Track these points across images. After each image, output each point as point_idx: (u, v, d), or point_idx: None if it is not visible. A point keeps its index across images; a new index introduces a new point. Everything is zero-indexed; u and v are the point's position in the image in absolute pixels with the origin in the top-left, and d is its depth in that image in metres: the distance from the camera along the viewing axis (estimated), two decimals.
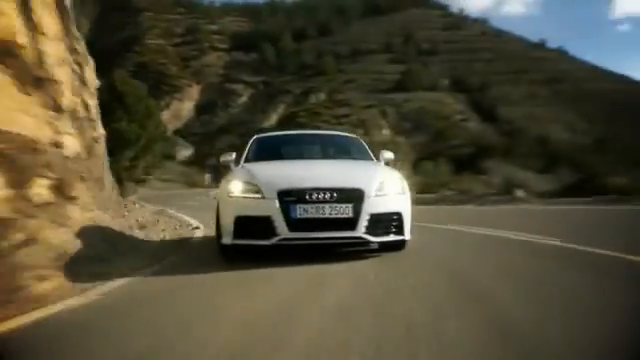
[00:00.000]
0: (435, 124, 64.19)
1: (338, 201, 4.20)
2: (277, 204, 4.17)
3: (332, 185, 4.26)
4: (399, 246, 4.65)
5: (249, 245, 4.34)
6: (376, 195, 4.34)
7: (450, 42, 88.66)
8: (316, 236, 4.23)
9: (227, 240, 4.41)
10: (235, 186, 4.46)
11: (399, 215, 4.43)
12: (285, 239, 4.17)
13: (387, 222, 4.37)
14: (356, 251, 4.78)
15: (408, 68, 77.19)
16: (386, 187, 4.47)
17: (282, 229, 4.15)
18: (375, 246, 4.57)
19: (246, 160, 5.51)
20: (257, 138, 6.04)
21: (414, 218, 4.69)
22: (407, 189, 4.73)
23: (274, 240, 4.18)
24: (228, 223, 4.39)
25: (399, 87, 73.94)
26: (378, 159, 5.63)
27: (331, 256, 4.51)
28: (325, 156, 5.84)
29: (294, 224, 4.16)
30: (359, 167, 5.03)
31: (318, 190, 4.20)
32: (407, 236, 4.52)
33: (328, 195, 4.20)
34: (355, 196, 4.24)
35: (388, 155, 5.71)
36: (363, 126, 59.49)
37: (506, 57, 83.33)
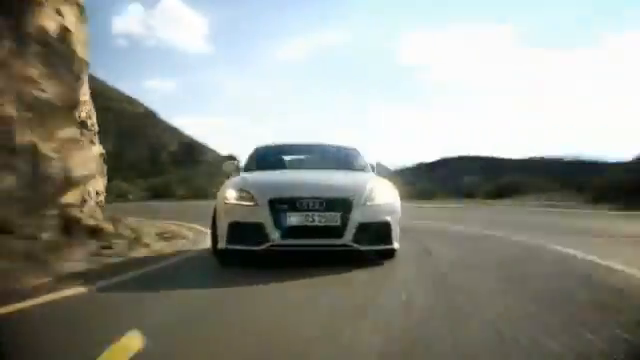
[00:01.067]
0: None
1: (327, 210, 4.38)
2: (268, 211, 4.37)
3: (321, 194, 4.44)
4: (389, 254, 4.79)
5: (241, 250, 4.53)
6: (364, 204, 4.50)
7: None
8: (305, 243, 4.41)
9: (222, 245, 4.61)
10: (230, 193, 4.67)
11: (387, 225, 4.58)
12: (275, 245, 4.36)
13: (375, 231, 4.52)
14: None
15: None
16: (376, 197, 4.63)
17: (273, 236, 4.33)
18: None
19: (245, 169, 5.72)
20: (257, 148, 6.25)
21: None
22: (397, 199, 4.89)
23: (265, 246, 4.37)
24: (223, 228, 4.60)
25: None
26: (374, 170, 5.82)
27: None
28: (321, 166, 6.01)
29: (284, 231, 4.34)
30: (351, 177, 5.19)
31: (308, 199, 4.39)
32: (396, 245, 4.66)
33: (317, 204, 4.38)
34: (343, 205, 4.42)
35: (383, 166, 5.90)
36: None
37: None
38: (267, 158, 6.04)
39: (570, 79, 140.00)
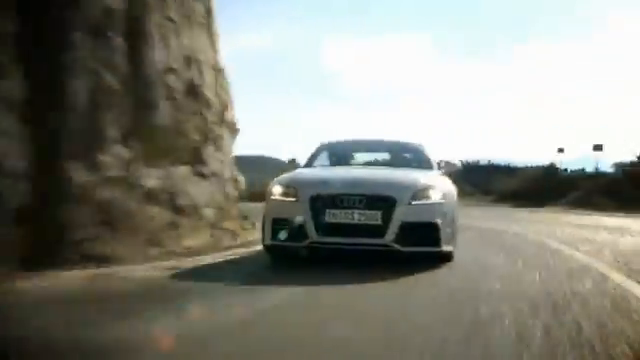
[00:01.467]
0: None
1: (367, 208, 4.20)
2: (309, 208, 4.29)
3: (362, 192, 4.27)
4: (445, 258, 4.47)
5: (284, 246, 4.51)
6: (410, 204, 4.25)
7: None
8: (344, 241, 4.28)
9: (267, 240, 4.62)
10: (276, 189, 4.67)
11: (434, 226, 4.27)
12: (315, 242, 4.28)
13: (421, 232, 4.24)
14: None
15: None
16: (425, 196, 4.36)
17: (312, 233, 4.26)
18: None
19: (305, 166, 5.71)
20: (320, 145, 6.21)
21: None
22: (452, 199, 4.56)
23: (305, 243, 4.31)
24: (268, 224, 4.61)
25: None
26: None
27: None
28: (383, 163, 5.83)
29: (323, 228, 4.24)
30: (403, 174, 4.93)
31: (348, 196, 4.24)
32: (445, 247, 4.33)
33: (357, 201, 4.22)
34: (385, 204, 4.20)
35: (450, 163, 5.56)
36: None
37: None
38: (328, 155, 5.99)
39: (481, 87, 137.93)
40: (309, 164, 5.74)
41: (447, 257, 4.49)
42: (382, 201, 4.22)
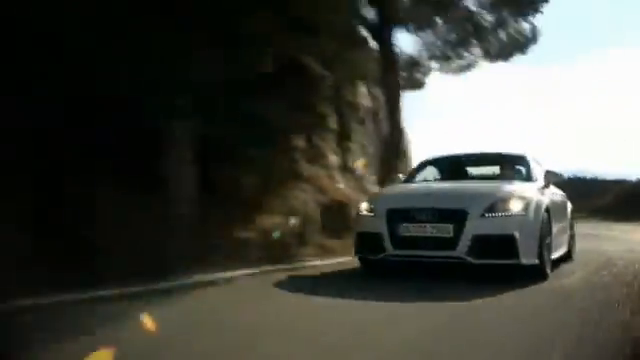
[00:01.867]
0: None
1: (439, 221, 4.31)
2: (385, 222, 4.55)
3: (434, 205, 4.39)
4: (534, 272, 4.32)
5: (365, 259, 4.83)
6: (483, 216, 4.23)
7: None
8: (417, 254, 4.44)
9: (355, 252, 5.00)
10: (362, 205, 5.03)
11: (510, 237, 4.17)
12: (390, 255, 4.51)
13: (495, 244, 4.19)
14: None
15: None
16: (502, 208, 4.28)
17: (388, 245, 4.50)
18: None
19: (405, 181, 5.94)
20: (421, 161, 6.36)
21: None
22: (536, 210, 4.38)
23: (381, 255, 4.57)
24: (355, 237, 4.99)
25: None
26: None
27: None
28: (480, 177, 5.76)
29: (398, 241, 4.46)
30: (484, 187, 4.84)
31: (421, 210, 4.41)
32: (525, 260, 4.19)
33: (430, 215, 4.36)
34: (456, 217, 4.26)
35: (553, 173, 5.30)
36: None
37: None
38: (427, 170, 6.12)
39: None
40: (409, 180, 5.94)
41: (534, 272, 4.31)
42: (453, 214, 4.29)
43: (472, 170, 6.16)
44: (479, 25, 11.39)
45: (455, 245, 4.23)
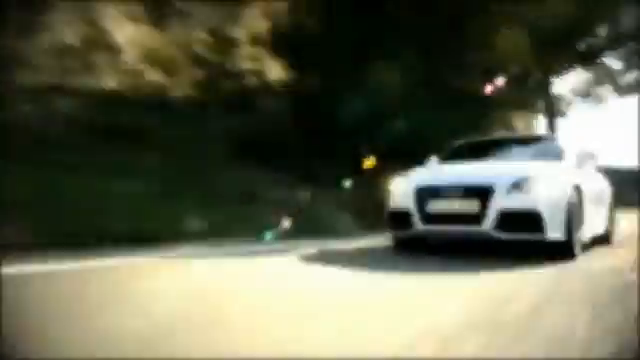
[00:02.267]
0: None
1: (466, 197, 4.47)
2: (414, 199, 4.75)
3: (460, 182, 4.56)
4: (563, 251, 4.39)
5: (396, 235, 5.06)
6: (509, 192, 4.35)
7: None
8: (445, 229, 4.62)
9: (387, 229, 5.24)
10: (392, 183, 5.24)
11: (535, 213, 4.28)
12: (419, 230, 4.71)
13: (521, 220, 4.31)
14: None
15: None
16: (529, 184, 4.38)
17: (417, 222, 4.70)
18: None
19: (436, 163, 6.10)
20: (451, 144, 6.49)
21: None
22: (563, 188, 4.46)
23: (411, 231, 4.78)
24: (386, 215, 5.21)
25: None
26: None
27: None
28: (510, 158, 5.85)
29: (427, 218, 4.65)
30: (512, 165, 4.95)
31: (448, 186, 4.59)
32: (552, 235, 4.28)
33: (457, 191, 4.52)
34: (482, 193, 4.40)
35: (586, 152, 5.36)
36: None
37: None
38: (456, 151, 6.24)
39: None
40: (440, 161, 6.09)
41: (561, 249, 4.40)
42: (479, 190, 4.42)
43: (503, 152, 6.24)
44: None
45: (481, 220, 4.37)
